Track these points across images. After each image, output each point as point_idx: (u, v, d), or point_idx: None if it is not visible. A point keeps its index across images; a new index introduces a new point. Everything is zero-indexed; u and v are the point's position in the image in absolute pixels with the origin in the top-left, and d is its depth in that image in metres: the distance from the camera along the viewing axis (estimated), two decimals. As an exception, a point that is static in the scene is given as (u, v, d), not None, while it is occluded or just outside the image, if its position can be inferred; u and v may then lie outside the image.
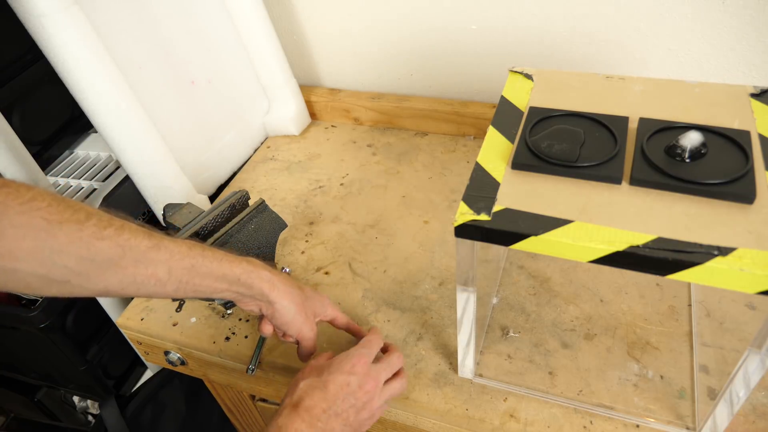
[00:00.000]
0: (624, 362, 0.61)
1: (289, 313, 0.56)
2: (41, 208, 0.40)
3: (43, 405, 1.10)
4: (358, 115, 1.05)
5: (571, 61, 0.88)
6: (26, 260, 0.40)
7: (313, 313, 0.59)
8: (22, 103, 0.85)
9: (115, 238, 0.44)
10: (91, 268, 0.43)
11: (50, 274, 0.41)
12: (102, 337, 0.94)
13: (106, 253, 0.43)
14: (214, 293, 0.52)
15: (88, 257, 0.42)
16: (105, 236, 0.43)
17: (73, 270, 0.42)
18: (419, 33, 0.95)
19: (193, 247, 0.50)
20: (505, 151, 0.50)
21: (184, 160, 0.87)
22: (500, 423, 0.58)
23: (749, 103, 0.51)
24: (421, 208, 0.85)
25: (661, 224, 0.41)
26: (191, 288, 0.50)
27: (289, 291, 0.56)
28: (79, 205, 0.43)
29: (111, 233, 0.44)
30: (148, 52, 0.80)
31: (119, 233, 0.44)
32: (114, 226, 0.44)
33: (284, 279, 0.57)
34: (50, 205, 0.41)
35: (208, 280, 0.51)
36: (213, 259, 0.51)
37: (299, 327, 0.58)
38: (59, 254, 0.41)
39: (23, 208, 0.39)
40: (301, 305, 0.57)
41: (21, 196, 0.40)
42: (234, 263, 0.53)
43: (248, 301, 0.56)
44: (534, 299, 0.69)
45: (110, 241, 0.43)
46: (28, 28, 0.66)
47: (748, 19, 0.74)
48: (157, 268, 0.47)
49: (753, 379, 0.45)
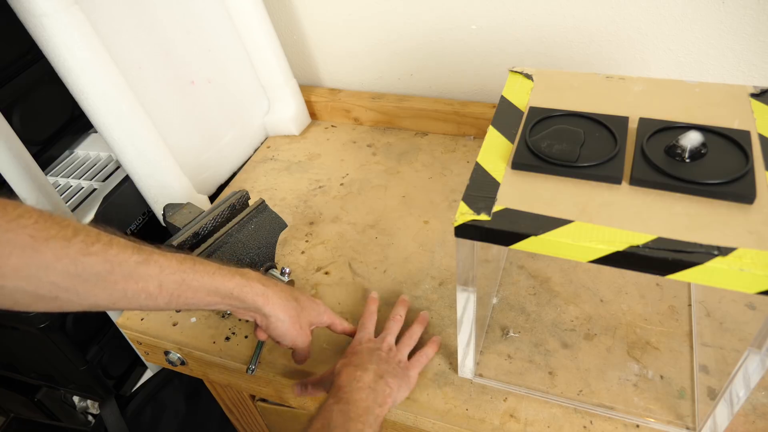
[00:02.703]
0: (624, 362, 0.61)
1: (283, 325, 0.57)
2: (27, 225, 0.40)
3: (43, 405, 1.10)
4: (358, 115, 1.05)
5: (571, 61, 0.88)
6: (12, 277, 0.40)
7: (308, 323, 0.60)
8: (22, 103, 0.85)
9: (103, 253, 0.44)
10: (79, 283, 0.43)
11: (38, 290, 0.41)
12: (102, 337, 0.94)
13: (94, 269, 0.43)
14: (208, 306, 0.52)
15: (76, 273, 0.42)
16: (92, 252, 0.43)
17: (61, 286, 0.42)
18: (419, 33, 0.95)
19: (184, 260, 0.50)
20: (505, 151, 0.50)
21: (184, 160, 0.87)
22: (500, 423, 0.58)
23: (749, 103, 0.51)
24: (421, 208, 0.85)
25: (661, 224, 0.41)
26: (183, 301, 0.50)
27: (283, 304, 0.57)
28: (67, 222, 0.43)
29: (98, 249, 0.44)
30: (148, 52, 0.80)
31: (107, 248, 0.44)
32: (102, 242, 0.44)
33: (278, 291, 0.57)
34: (37, 222, 0.41)
35: (200, 293, 0.50)
36: (205, 273, 0.51)
37: (293, 338, 0.58)
38: (46, 271, 0.41)
39: (10, 226, 0.39)
40: (295, 317, 0.58)
41: (7, 213, 0.40)
42: (227, 277, 0.53)
43: (243, 312, 0.57)
44: (534, 299, 0.69)
45: (98, 256, 0.43)
46: (28, 28, 0.66)
47: (748, 19, 0.74)
48: (147, 282, 0.46)
49: (753, 379, 0.45)
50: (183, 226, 0.70)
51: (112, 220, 0.85)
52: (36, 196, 0.72)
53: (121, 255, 0.45)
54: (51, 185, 0.73)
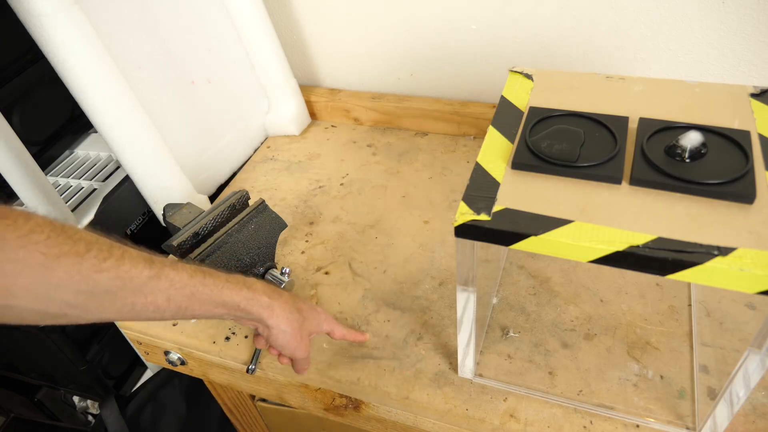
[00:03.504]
0: (624, 362, 0.61)
1: (285, 336, 0.57)
2: (39, 241, 0.39)
3: (43, 405, 1.10)
4: (358, 115, 1.05)
5: (571, 61, 0.88)
6: (23, 297, 0.39)
7: (308, 333, 0.60)
8: (22, 103, 0.85)
9: (115, 269, 0.43)
10: (89, 300, 0.42)
11: (48, 309, 0.40)
12: (102, 337, 0.94)
13: (105, 286, 0.42)
14: (213, 317, 0.53)
15: (87, 290, 0.41)
16: (104, 268, 0.42)
17: (71, 303, 0.41)
18: (419, 33, 0.95)
19: (194, 274, 0.50)
20: (505, 151, 0.50)
21: (184, 160, 0.87)
22: (500, 423, 0.58)
23: (749, 103, 0.51)
24: (421, 208, 0.85)
25: (661, 224, 0.41)
26: (189, 313, 0.50)
27: (286, 316, 0.57)
28: (78, 235, 0.42)
29: (111, 264, 0.43)
30: (148, 51, 0.80)
31: (119, 264, 0.43)
32: (114, 257, 0.43)
33: (283, 303, 0.57)
34: (49, 238, 0.39)
35: (207, 306, 0.50)
36: (214, 287, 0.51)
37: (293, 349, 0.59)
38: (57, 289, 0.40)
39: (21, 242, 0.38)
40: (297, 329, 0.58)
41: (19, 228, 0.38)
42: (234, 290, 0.52)
43: (247, 321, 0.57)
44: (534, 299, 0.69)
45: (110, 272, 0.42)
46: (28, 28, 0.66)
47: (748, 19, 0.74)
48: (156, 296, 0.46)
49: (753, 379, 0.45)
50: (183, 226, 0.70)
51: (112, 220, 0.85)
52: (36, 196, 0.72)
53: (132, 270, 0.44)
54: (51, 185, 0.74)
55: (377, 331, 0.68)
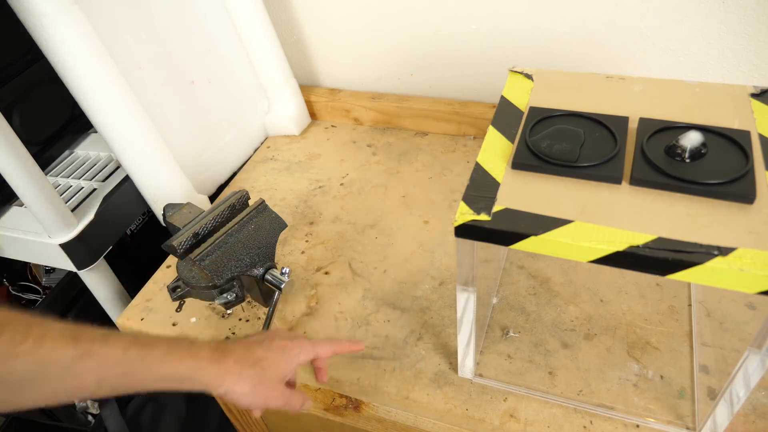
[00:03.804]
0: (624, 362, 0.61)
1: (245, 398, 0.52)
2: None
3: (43, 405, 1.10)
4: (358, 115, 1.05)
5: (571, 61, 0.88)
6: None
7: (278, 379, 0.54)
8: (22, 103, 0.85)
9: (33, 353, 0.39)
10: (3, 390, 0.38)
11: None
12: (102, 337, 0.94)
13: (21, 372, 0.38)
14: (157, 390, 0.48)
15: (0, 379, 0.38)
16: (20, 352, 0.38)
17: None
18: (419, 33, 0.95)
19: (129, 347, 0.45)
20: (505, 151, 0.50)
21: (184, 160, 0.86)
22: (500, 423, 0.58)
23: (749, 103, 0.51)
24: (421, 208, 0.85)
25: (661, 224, 0.41)
26: (127, 390, 0.46)
27: (239, 377, 0.51)
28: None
29: (28, 348, 0.38)
30: (148, 52, 0.80)
31: (38, 346, 0.39)
32: (32, 337, 0.39)
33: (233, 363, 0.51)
34: None
35: (147, 383, 0.46)
36: (153, 361, 0.46)
37: (262, 404, 0.53)
38: None
39: None
40: (257, 384, 0.52)
41: None
42: (176, 361, 0.47)
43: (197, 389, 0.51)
44: (534, 299, 0.69)
45: (27, 357, 0.38)
46: (28, 28, 0.66)
47: (748, 19, 0.74)
48: (84, 379, 0.42)
49: (753, 379, 0.45)
50: (183, 226, 0.70)
51: (112, 220, 0.85)
52: (36, 196, 0.72)
53: (53, 353, 0.40)
54: (51, 185, 0.73)
55: (377, 331, 0.68)
